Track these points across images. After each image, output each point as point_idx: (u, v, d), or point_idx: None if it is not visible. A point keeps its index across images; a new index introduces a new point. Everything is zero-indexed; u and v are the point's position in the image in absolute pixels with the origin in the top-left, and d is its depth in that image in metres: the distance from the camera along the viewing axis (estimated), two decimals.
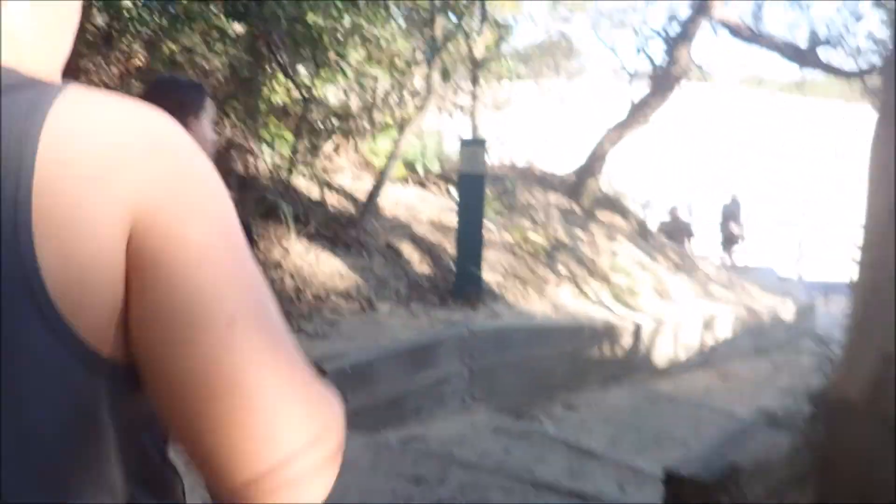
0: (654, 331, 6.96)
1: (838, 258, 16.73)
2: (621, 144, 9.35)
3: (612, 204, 9.75)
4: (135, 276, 0.56)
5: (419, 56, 8.08)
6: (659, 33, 9.31)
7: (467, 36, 7.82)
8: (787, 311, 10.23)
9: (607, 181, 9.95)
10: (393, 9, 6.94)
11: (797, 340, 10.35)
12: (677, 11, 9.23)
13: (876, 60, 10.48)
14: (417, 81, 9.00)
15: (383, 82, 8.11)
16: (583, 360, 6.17)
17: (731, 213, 16.27)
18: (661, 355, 7.11)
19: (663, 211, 17.66)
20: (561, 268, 7.17)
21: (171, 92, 2.21)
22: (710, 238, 16.18)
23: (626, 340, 6.63)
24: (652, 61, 11.23)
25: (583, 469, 4.68)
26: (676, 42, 8.63)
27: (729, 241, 16.27)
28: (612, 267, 7.69)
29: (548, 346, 5.88)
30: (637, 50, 10.84)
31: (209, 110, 2.25)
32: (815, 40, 9.59)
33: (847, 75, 10.09)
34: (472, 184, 6.09)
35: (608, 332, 6.45)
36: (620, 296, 7.22)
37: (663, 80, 8.89)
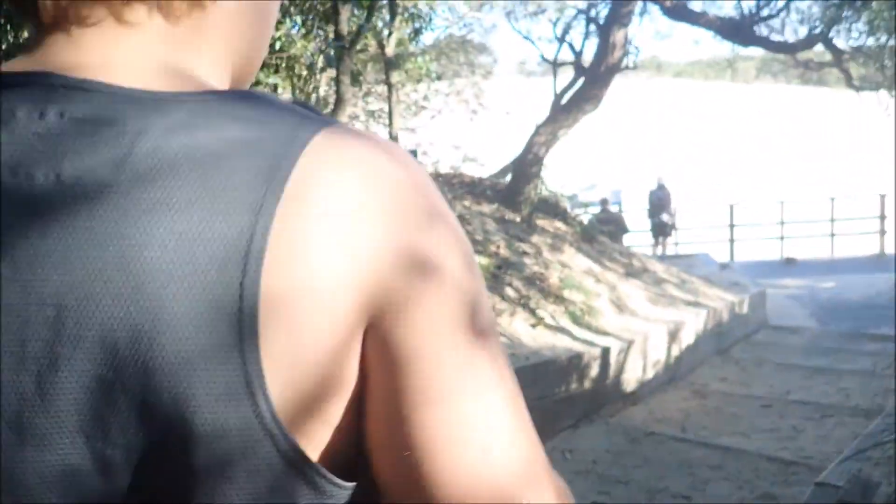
0: (620, 353, 6.10)
1: (767, 238, 16.41)
2: (558, 143, 8.46)
3: (551, 208, 8.89)
4: (371, 379, 0.47)
5: (322, 59, 7.00)
6: (590, 16, 8.48)
7: (377, 31, 6.77)
8: (741, 304, 9.62)
9: (541, 183, 9.08)
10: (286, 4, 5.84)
11: (753, 334, 9.78)
12: None
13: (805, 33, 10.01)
14: (323, 88, 7.93)
15: (283, 92, 7.02)
16: (550, 402, 5.24)
17: (659, 201, 15.72)
18: (631, 379, 6.27)
19: (587, 200, 17.10)
20: (510, 291, 6.22)
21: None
22: (640, 228, 15.66)
23: (594, 370, 5.74)
24: (573, 49, 10.44)
25: None
26: (612, 25, 7.80)
27: (660, 230, 15.74)
28: (565, 283, 6.80)
29: None
30: (559, 38, 9.99)
31: None
32: (751, 16, 8.98)
33: (784, 50, 9.55)
34: None
35: (574, 365, 5.54)
36: (579, 317, 6.33)
37: (600, 69, 8.04)
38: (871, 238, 15.83)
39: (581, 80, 9.01)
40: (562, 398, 5.37)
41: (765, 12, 9.52)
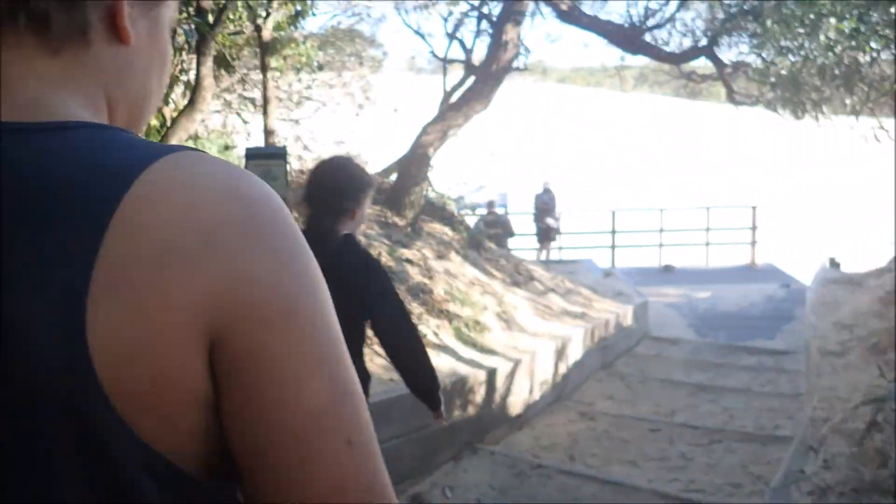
0: (508, 374, 5.68)
1: (646, 245, 16.65)
2: (446, 142, 7.97)
3: (437, 211, 8.41)
4: (227, 387, 0.52)
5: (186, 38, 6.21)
6: (482, 13, 8.03)
7: (252, 11, 6.04)
8: (625, 315, 9.49)
9: (428, 185, 8.58)
10: None
11: (636, 346, 9.68)
12: None
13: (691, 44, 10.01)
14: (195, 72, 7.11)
15: None
16: (431, 433, 4.72)
17: (545, 205, 15.60)
18: (517, 401, 5.86)
19: (474, 202, 16.79)
20: None
21: (349, 169, 2.48)
22: (525, 231, 15.49)
23: (479, 394, 5.29)
24: (464, 47, 10.02)
25: None
26: (505, 23, 7.38)
27: (545, 234, 15.62)
28: (451, 295, 6.32)
29: (388, 426, 4.37)
30: (449, 35, 9.52)
31: (372, 191, 2.53)
32: (640, 23, 8.82)
33: (670, 60, 9.47)
34: None
35: (458, 389, 5.06)
36: (465, 334, 5.86)
37: (492, 68, 7.61)
38: (744, 248, 16.33)
39: (471, 79, 8.58)
40: (443, 428, 4.86)
41: (651, 22, 9.43)
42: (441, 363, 5.30)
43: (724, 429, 6.07)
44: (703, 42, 9.56)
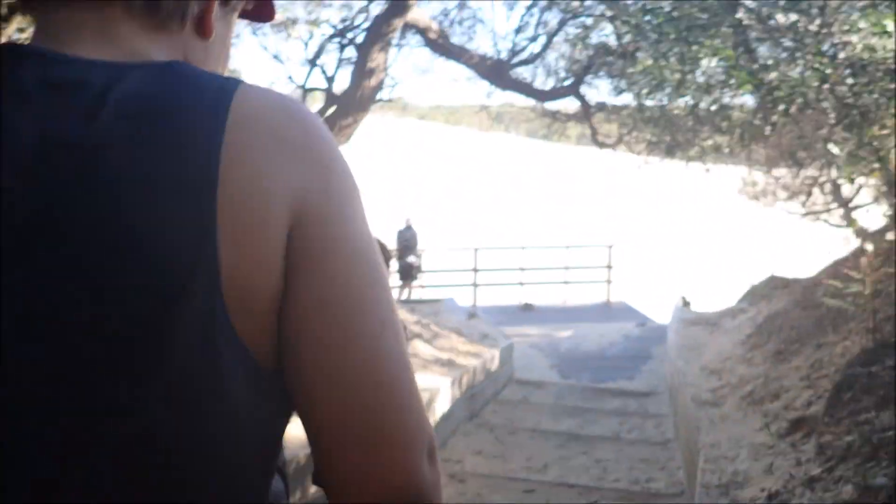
0: None
1: (507, 283, 16.51)
2: None
3: None
4: (293, 273, 0.59)
5: None
6: (346, 38, 7.48)
7: None
8: (492, 360, 9.11)
9: None
10: None
11: (502, 391, 9.33)
12: (366, 13, 7.45)
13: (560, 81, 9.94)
14: None
15: None
16: None
17: (406, 242, 15.19)
18: None
19: None
20: None
21: None
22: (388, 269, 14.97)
23: None
24: (325, 75, 9.43)
25: None
26: (370, 50, 6.85)
27: (406, 272, 15.18)
28: None
29: None
30: (310, 61, 8.90)
31: None
32: (509, 59, 8.59)
33: (540, 97, 9.31)
34: None
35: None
36: None
37: (355, 96, 7.05)
38: (600, 287, 16.57)
39: (332, 109, 8.00)
40: None
41: (516, 60, 9.28)
42: (294, 432, 4.59)
43: (599, 486, 5.72)
44: (569, 82, 9.49)
